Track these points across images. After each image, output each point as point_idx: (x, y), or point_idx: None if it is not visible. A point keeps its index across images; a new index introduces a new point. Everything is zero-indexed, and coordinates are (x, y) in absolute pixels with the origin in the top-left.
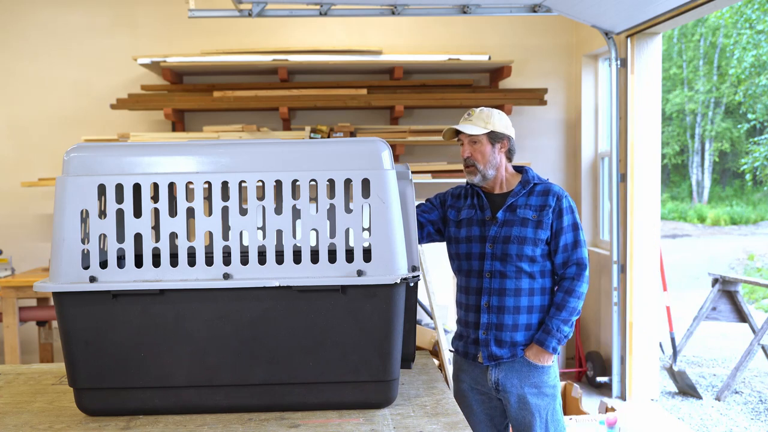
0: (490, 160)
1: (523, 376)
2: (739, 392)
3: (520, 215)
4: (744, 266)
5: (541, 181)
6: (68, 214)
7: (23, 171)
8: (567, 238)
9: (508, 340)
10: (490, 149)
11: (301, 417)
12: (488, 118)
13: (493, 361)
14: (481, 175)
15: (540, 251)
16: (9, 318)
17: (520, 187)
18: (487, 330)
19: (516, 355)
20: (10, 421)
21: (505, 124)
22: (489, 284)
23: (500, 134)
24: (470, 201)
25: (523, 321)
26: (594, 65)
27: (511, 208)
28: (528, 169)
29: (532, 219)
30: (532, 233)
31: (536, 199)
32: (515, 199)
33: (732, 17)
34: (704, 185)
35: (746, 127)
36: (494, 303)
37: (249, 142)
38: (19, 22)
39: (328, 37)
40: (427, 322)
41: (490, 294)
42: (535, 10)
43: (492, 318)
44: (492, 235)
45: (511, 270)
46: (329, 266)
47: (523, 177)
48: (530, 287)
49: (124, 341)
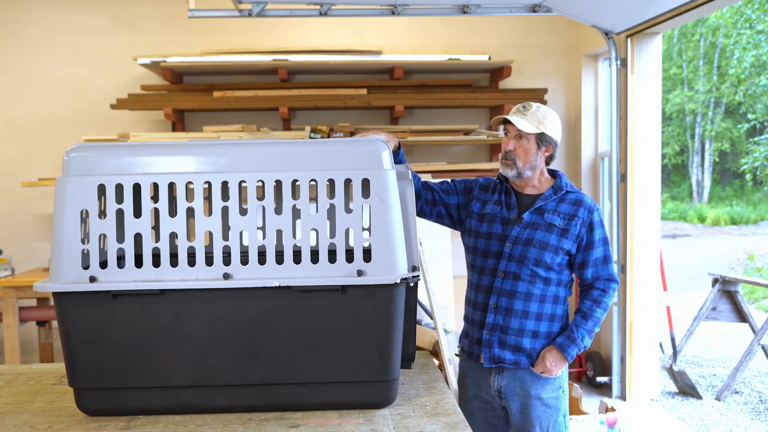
0: (532, 160)
1: (526, 385)
2: (739, 392)
3: (546, 220)
4: (744, 266)
5: (573, 190)
6: (68, 214)
7: (23, 171)
8: (598, 252)
9: (511, 344)
10: (534, 150)
11: (301, 417)
12: (543, 118)
13: (494, 364)
14: (518, 172)
15: (559, 260)
16: (9, 318)
17: (551, 191)
18: (491, 330)
19: (520, 363)
20: (10, 421)
21: (556, 129)
22: (501, 284)
23: (549, 138)
24: (497, 197)
25: (530, 327)
26: (594, 65)
27: (539, 211)
28: (562, 175)
29: (558, 226)
30: (556, 241)
31: (567, 207)
32: (545, 203)
33: (732, 17)
34: (704, 185)
35: (746, 127)
36: (503, 304)
37: (249, 142)
38: (19, 22)
39: (328, 37)
40: (427, 322)
41: (500, 294)
42: (535, 10)
43: (498, 319)
44: (514, 235)
45: (526, 273)
46: (329, 266)
47: (556, 182)
48: (542, 293)
49: (124, 341)
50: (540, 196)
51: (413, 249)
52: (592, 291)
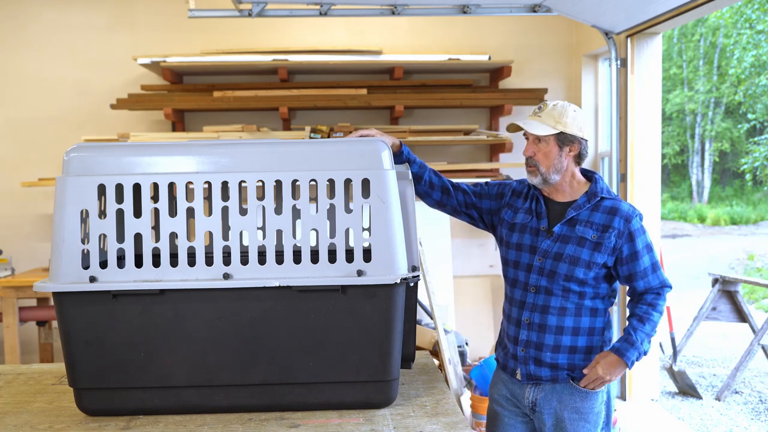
0: (555, 163)
1: (564, 399)
2: (739, 392)
3: (578, 233)
4: (744, 266)
5: (610, 196)
6: (68, 214)
7: (23, 171)
8: (645, 262)
9: (548, 361)
10: (556, 152)
11: (301, 417)
12: (560, 116)
13: (531, 381)
14: (543, 178)
15: (593, 274)
16: (9, 318)
17: (584, 198)
18: (526, 347)
19: (558, 378)
20: (10, 421)
21: (579, 124)
22: (533, 300)
23: (570, 136)
24: (528, 204)
25: (567, 342)
26: (594, 65)
27: (571, 222)
28: (598, 178)
29: (590, 239)
30: (588, 255)
31: (600, 217)
32: (577, 213)
33: (732, 17)
34: (704, 185)
35: (746, 127)
36: (536, 320)
37: (249, 142)
38: (19, 22)
39: (328, 37)
40: (427, 322)
41: (533, 310)
42: (535, 10)
43: (532, 336)
44: (544, 249)
45: (558, 288)
46: (329, 266)
47: (591, 187)
48: (577, 307)
49: (124, 341)
50: (572, 204)
51: (413, 249)
52: (646, 296)
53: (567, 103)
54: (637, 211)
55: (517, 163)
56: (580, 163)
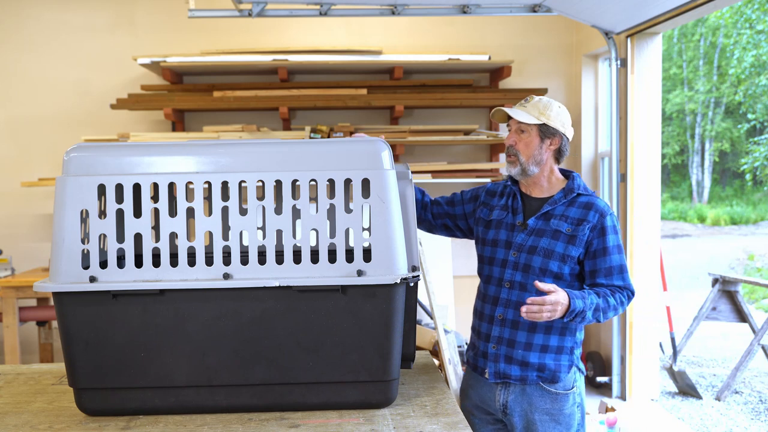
0: (535, 155)
1: (534, 401)
2: (739, 392)
3: (553, 226)
4: (744, 266)
5: (586, 193)
6: (68, 214)
7: (23, 171)
8: (612, 260)
9: (519, 359)
10: (537, 143)
11: (301, 417)
12: (545, 109)
13: (499, 379)
14: (521, 168)
15: (568, 269)
16: (9, 318)
17: (561, 194)
18: (497, 344)
19: (527, 378)
20: (10, 421)
21: (562, 120)
22: (507, 295)
23: (552, 129)
24: (504, 201)
25: (539, 341)
26: (594, 65)
27: (546, 216)
28: (576, 176)
29: (565, 232)
30: (562, 248)
31: (576, 212)
32: (553, 207)
33: (732, 17)
34: (704, 185)
35: (746, 127)
36: (509, 316)
37: (249, 142)
38: (19, 22)
39: (328, 37)
40: (427, 322)
41: (507, 306)
42: (535, 10)
43: (504, 332)
44: (518, 243)
45: (532, 283)
46: (329, 266)
47: (568, 184)
48: None
49: (124, 341)
50: (549, 199)
51: (413, 249)
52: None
53: (553, 99)
54: (611, 210)
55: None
56: (560, 161)
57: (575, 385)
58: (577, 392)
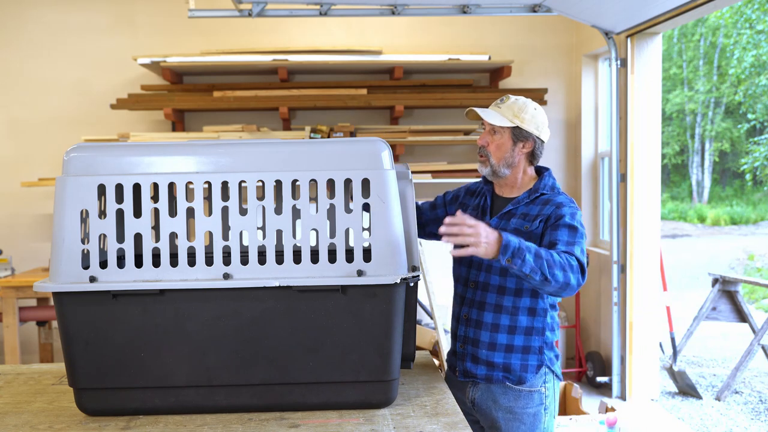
0: (506, 157)
1: (498, 398)
2: (739, 392)
3: (512, 225)
4: (744, 266)
5: (548, 192)
6: (68, 214)
7: (23, 171)
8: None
9: (483, 359)
10: (509, 146)
11: (301, 417)
12: (520, 111)
13: (467, 378)
14: (492, 170)
15: None
16: (9, 318)
17: (526, 194)
18: (464, 343)
19: (492, 378)
20: (10, 421)
21: (537, 123)
22: (472, 295)
23: (526, 133)
24: (477, 201)
25: (503, 341)
26: (594, 65)
27: (507, 215)
28: (546, 175)
29: (523, 230)
30: None
31: (535, 209)
32: (515, 207)
33: (732, 17)
34: (704, 185)
35: (746, 127)
36: (473, 316)
37: (249, 142)
38: (19, 22)
39: (328, 37)
40: (427, 322)
41: (471, 306)
42: (535, 10)
43: (469, 332)
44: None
45: (494, 283)
46: (329, 266)
47: (535, 184)
48: (513, 305)
49: (124, 341)
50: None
51: (413, 249)
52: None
53: (529, 100)
54: (573, 204)
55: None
56: (534, 162)
57: (544, 386)
58: (545, 393)
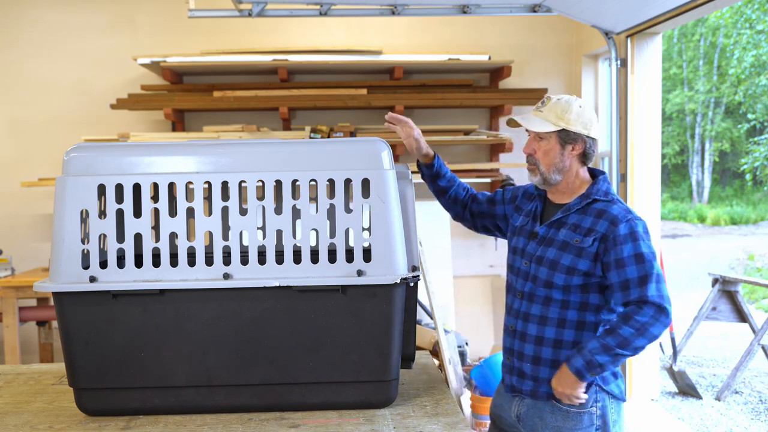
0: (556, 162)
1: (545, 417)
2: (739, 392)
3: (561, 236)
4: (744, 266)
5: (603, 198)
6: (68, 214)
7: (23, 171)
8: (629, 272)
9: (529, 373)
10: (558, 150)
11: (301, 417)
12: (564, 112)
13: (513, 392)
14: (543, 178)
15: (579, 281)
16: (9, 318)
17: (577, 200)
18: (510, 356)
19: (537, 393)
20: (10, 421)
21: (584, 121)
22: (519, 306)
23: (573, 134)
24: (530, 206)
25: (547, 355)
26: (594, 65)
27: (557, 224)
28: (600, 179)
29: (573, 244)
30: (569, 260)
31: (587, 220)
32: (566, 215)
33: (732, 17)
34: (704, 185)
35: (746, 127)
36: (519, 328)
37: (249, 142)
38: (19, 22)
39: (328, 37)
40: (427, 322)
41: (517, 317)
42: (535, 10)
43: (515, 344)
44: (529, 252)
45: (540, 295)
46: (329, 266)
47: (588, 189)
48: (560, 317)
49: (124, 341)
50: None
51: (413, 249)
52: (627, 308)
53: (573, 97)
54: (630, 216)
55: (517, 164)
56: (586, 163)
57: (595, 405)
58: (597, 413)
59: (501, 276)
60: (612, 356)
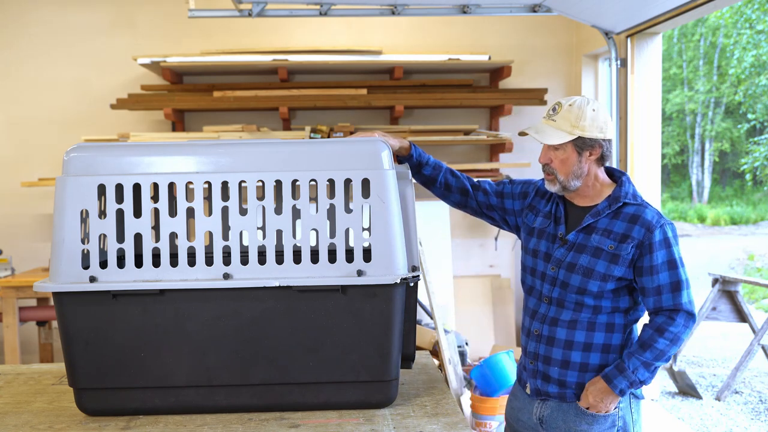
0: (574, 170)
1: (570, 420)
2: (739, 392)
3: (594, 242)
4: (744, 266)
5: (633, 201)
6: (68, 214)
7: (23, 171)
8: (661, 279)
9: (555, 377)
10: (575, 158)
11: (301, 417)
12: (578, 118)
13: (538, 396)
14: (562, 186)
15: (612, 286)
16: (9, 318)
17: (605, 204)
18: (534, 360)
19: (566, 396)
20: (10, 421)
21: (600, 124)
22: (545, 311)
23: (590, 141)
24: (549, 208)
25: (576, 359)
26: (594, 65)
27: (588, 230)
28: (625, 180)
29: (607, 250)
30: (604, 267)
31: (621, 226)
32: (595, 219)
33: (732, 17)
34: (704, 185)
35: (746, 127)
36: (545, 332)
37: (249, 142)
38: (19, 22)
39: (328, 37)
40: (427, 322)
41: (543, 321)
42: (535, 10)
43: (540, 348)
44: (557, 258)
45: (570, 301)
46: (329, 266)
47: (614, 191)
48: (591, 321)
49: (124, 341)
50: (592, 209)
51: (413, 249)
52: (657, 317)
53: (584, 99)
54: (662, 221)
55: (517, 164)
56: (604, 164)
57: (618, 407)
58: (620, 414)
59: (501, 276)
60: (651, 371)
